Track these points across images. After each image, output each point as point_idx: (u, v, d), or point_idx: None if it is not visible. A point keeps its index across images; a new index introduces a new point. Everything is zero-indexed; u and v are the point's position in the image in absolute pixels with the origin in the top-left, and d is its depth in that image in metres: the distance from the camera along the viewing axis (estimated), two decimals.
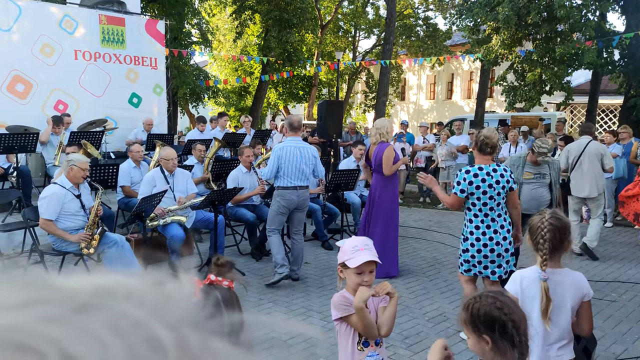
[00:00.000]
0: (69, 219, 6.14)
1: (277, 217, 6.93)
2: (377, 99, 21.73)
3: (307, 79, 30.64)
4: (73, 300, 0.35)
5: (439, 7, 30.01)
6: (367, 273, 2.88)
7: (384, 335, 2.95)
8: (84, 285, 0.38)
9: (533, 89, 17.19)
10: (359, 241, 2.97)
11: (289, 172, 6.73)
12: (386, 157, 7.02)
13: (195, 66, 22.40)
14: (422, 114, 35.18)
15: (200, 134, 12.31)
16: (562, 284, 3.04)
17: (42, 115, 10.86)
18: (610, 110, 23.66)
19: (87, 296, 0.36)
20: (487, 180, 4.92)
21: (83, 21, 11.95)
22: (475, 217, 5.00)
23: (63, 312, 0.34)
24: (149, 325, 0.35)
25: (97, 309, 0.35)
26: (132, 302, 0.37)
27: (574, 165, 8.36)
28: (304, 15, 23.07)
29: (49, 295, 0.36)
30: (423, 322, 5.73)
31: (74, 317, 0.34)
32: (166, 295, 0.39)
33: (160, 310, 0.37)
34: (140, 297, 0.38)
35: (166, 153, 7.55)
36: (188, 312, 0.39)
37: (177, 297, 0.40)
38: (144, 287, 0.39)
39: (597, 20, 16.40)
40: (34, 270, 0.40)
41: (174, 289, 0.41)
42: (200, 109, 26.07)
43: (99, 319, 0.34)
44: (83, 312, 0.34)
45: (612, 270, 7.73)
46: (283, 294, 6.59)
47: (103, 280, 0.39)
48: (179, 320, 0.37)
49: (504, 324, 2.12)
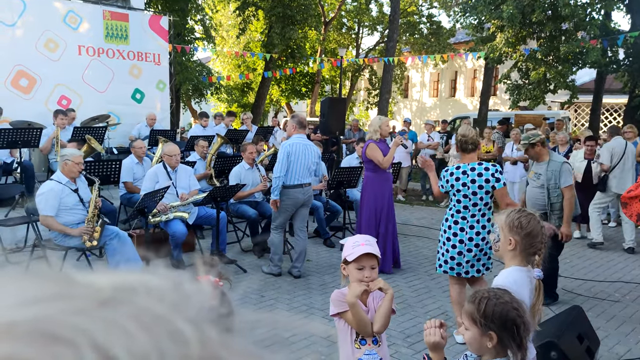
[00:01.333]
0: (69, 214, 6.14)
1: (283, 215, 6.95)
2: (380, 97, 21.69)
3: (310, 75, 30.58)
4: (98, 295, 0.37)
5: (442, 4, 29.90)
6: (367, 268, 2.89)
7: (377, 331, 2.94)
8: (105, 281, 0.39)
9: (537, 87, 17.16)
10: (360, 237, 3.01)
11: (297, 170, 6.74)
12: (370, 156, 7.09)
13: (198, 62, 22.38)
14: (425, 111, 35.13)
15: (203, 129, 12.31)
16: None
17: (45, 110, 10.88)
18: (614, 109, 23.61)
19: (110, 291, 0.37)
20: (461, 179, 4.92)
21: (87, 17, 11.97)
22: (457, 213, 5.01)
23: (90, 305, 0.35)
24: (171, 319, 0.36)
25: (121, 303, 0.36)
26: (153, 298, 0.38)
27: (617, 164, 8.89)
28: (308, 11, 23.04)
29: (75, 290, 0.37)
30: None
31: (100, 310, 0.35)
32: (184, 293, 0.41)
33: (180, 306, 0.38)
34: (159, 294, 0.39)
35: (169, 149, 7.54)
36: (206, 310, 0.40)
37: (194, 296, 0.41)
38: (162, 285, 0.40)
39: (601, 19, 16.35)
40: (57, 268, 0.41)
41: (192, 288, 0.42)
42: (202, 105, 26.07)
43: (124, 312, 0.35)
44: (108, 306, 0.36)
45: (615, 270, 7.71)
46: (285, 291, 6.58)
47: (123, 278, 0.40)
48: (198, 316, 0.38)
49: (517, 325, 2.13)
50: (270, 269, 7.13)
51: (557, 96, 19.82)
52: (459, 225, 4.99)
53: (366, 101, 32.69)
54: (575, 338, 4.09)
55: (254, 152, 8.33)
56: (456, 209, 5.01)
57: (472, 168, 4.92)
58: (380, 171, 7.23)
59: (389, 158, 7.09)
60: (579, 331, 4.17)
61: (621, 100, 21.18)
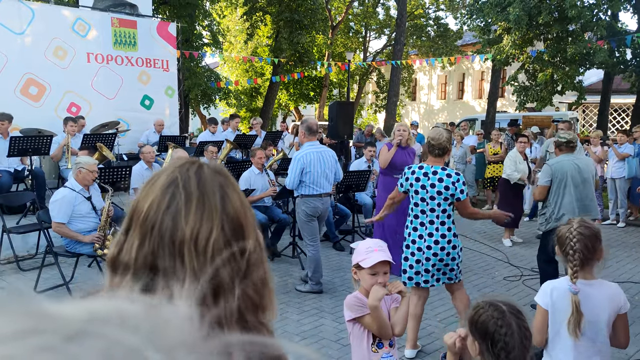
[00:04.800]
0: (81, 221, 6.19)
1: (308, 225, 6.68)
2: (388, 100, 21.74)
3: (318, 79, 30.64)
4: (67, 329, 0.36)
5: (449, 7, 29.92)
6: (381, 274, 2.89)
7: (398, 334, 2.97)
8: (79, 312, 0.38)
9: (545, 89, 17.13)
10: (373, 242, 3.00)
11: (315, 180, 6.52)
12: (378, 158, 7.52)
13: (206, 68, 22.48)
14: (433, 114, 35.11)
15: (211, 135, 12.36)
16: (596, 297, 2.90)
17: (55, 117, 10.96)
18: (622, 109, 23.52)
19: (81, 323, 0.37)
20: (421, 180, 4.71)
21: (95, 24, 12.05)
22: (415, 218, 4.82)
23: (57, 341, 0.34)
24: (142, 351, 0.36)
25: (91, 337, 0.35)
26: (126, 328, 0.37)
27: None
28: (315, 16, 23.11)
29: (43, 324, 0.36)
30: (435, 323, 5.73)
31: (67, 346, 0.34)
32: (161, 318, 0.40)
33: (156, 335, 0.38)
34: (135, 322, 0.38)
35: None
36: (183, 335, 0.39)
37: (172, 320, 0.40)
38: (139, 311, 0.40)
39: (608, 20, 16.31)
40: (29, 296, 0.40)
41: (170, 312, 0.41)
42: (211, 111, 26.15)
43: (92, 347, 0.35)
44: (76, 341, 0.35)
45: (624, 270, 7.69)
46: (295, 295, 6.61)
47: (98, 307, 0.40)
48: (174, 344, 0.38)
49: (494, 341, 2.09)
50: (311, 287, 6.69)
51: (564, 97, 19.77)
52: (417, 232, 4.78)
53: (374, 104, 32.71)
54: None
55: (263, 157, 8.36)
56: (414, 213, 4.82)
57: (435, 171, 4.71)
58: (389, 174, 7.36)
59: (384, 159, 7.30)
60: None
61: (629, 101, 21.10)
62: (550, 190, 5.93)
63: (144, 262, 0.92)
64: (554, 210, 5.90)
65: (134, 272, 0.92)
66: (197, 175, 0.99)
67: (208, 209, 0.95)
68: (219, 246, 0.94)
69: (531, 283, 6.94)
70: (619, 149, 10.45)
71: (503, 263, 8.02)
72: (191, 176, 0.98)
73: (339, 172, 6.94)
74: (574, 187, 5.80)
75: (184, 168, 1.00)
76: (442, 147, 4.74)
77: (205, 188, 0.97)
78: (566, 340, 2.89)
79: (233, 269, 0.93)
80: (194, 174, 0.99)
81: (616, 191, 10.62)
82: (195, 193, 0.96)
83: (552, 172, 5.88)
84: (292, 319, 5.84)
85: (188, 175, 0.98)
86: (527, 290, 6.77)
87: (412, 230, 4.82)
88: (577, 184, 5.80)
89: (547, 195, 5.99)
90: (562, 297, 2.91)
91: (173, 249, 0.92)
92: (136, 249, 0.93)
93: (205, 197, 0.96)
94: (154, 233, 0.93)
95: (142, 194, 0.98)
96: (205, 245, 0.92)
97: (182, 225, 0.93)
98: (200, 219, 0.94)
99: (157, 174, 1.01)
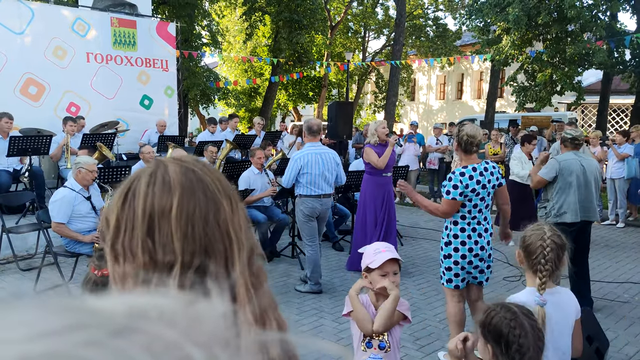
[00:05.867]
0: (81, 221, 6.19)
1: (307, 225, 6.67)
2: (387, 100, 21.74)
3: (317, 79, 30.64)
4: (110, 324, 0.36)
5: (448, 7, 29.95)
6: (391, 274, 2.91)
7: (376, 330, 2.91)
8: (118, 307, 0.39)
9: (544, 89, 17.15)
10: (381, 244, 3.03)
11: (312, 180, 6.49)
12: (367, 159, 7.29)
13: (205, 68, 22.49)
14: (432, 114, 35.13)
15: (211, 135, 12.36)
16: (561, 304, 2.79)
17: (54, 117, 10.96)
18: (621, 110, 23.54)
19: (122, 319, 0.38)
20: (481, 180, 4.58)
21: (95, 24, 12.05)
22: (462, 219, 4.62)
23: (102, 336, 0.35)
24: (182, 346, 0.37)
25: (133, 332, 0.36)
26: (165, 323, 0.38)
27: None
28: (314, 16, 23.11)
29: (87, 319, 0.37)
30: (434, 323, 5.73)
31: (112, 341, 0.35)
32: (197, 314, 0.41)
33: (192, 330, 0.39)
34: (172, 317, 0.39)
35: (178, 155, 7.58)
36: (219, 331, 0.40)
37: (207, 317, 0.41)
38: (175, 307, 0.41)
39: (607, 20, 16.33)
40: (70, 294, 0.41)
41: (204, 309, 0.42)
42: (210, 110, 26.17)
43: (135, 342, 0.35)
44: (120, 336, 0.36)
45: (624, 271, 7.70)
46: (294, 295, 6.61)
47: (136, 302, 0.41)
48: (209, 339, 0.39)
49: (508, 343, 2.07)
50: (310, 287, 6.67)
51: (563, 97, 19.79)
52: (477, 232, 4.62)
53: (373, 105, 32.72)
54: (585, 339, 4.10)
55: (262, 157, 8.36)
56: (471, 215, 4.61)
57: (485, 168, 4.65)
58: (377, 174, 7.35)
59: (384, 159, 7.19)
60: (588, 332, 4.17)
61: (628, 101, 21.12)
62: (553, 185, 5.90)
63: (193, 252, 0.90)
64: (555, 206, 5.86)
65: (181, 266, 0.89)
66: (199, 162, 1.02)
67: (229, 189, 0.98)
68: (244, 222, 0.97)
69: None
70: (618, 149, 10.45)
71: (502, 263, 8.02)
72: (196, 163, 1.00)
73: (340, 175, 6.86)
74: (578, 188, 5.78)
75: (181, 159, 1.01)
76: (479, 142, 4.67)
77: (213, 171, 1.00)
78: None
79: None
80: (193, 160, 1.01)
81: (615, 191, 10.63)
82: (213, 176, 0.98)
83: (560, 169, 5.82)
84: (292, 319, 5.84)
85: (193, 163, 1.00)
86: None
87: (460, 231, 4.62)
88: (581, 185, 5.78)
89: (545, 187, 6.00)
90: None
91: (219, 230, 0.92)
92: (180, 242, 0.90)
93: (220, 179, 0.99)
94: (195, 220, 0.91)
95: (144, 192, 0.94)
96: (240, 222, 0.95)
97: (223, 206, 0.94)
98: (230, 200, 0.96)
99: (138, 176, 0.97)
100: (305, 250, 6.80)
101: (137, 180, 0.95)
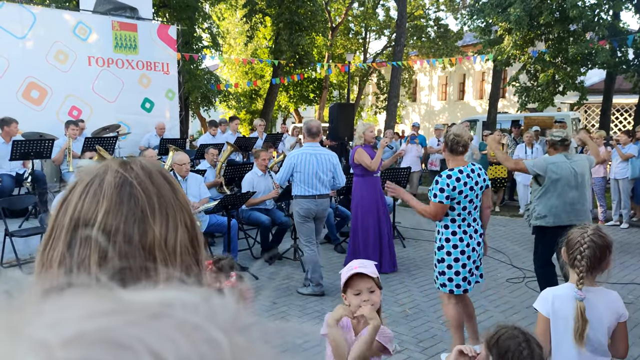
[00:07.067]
0: None
1: (304, 226, 6.67)
2: (388, 101, 21.71)
3: (318, 81, 30.63)
4: (146, 310, 0.42)
5: (450, 7, 29.92)
6: (365, 292, 2.70)
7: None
8: (150, 298, 0.45)
9: (546, 89, 17.12)
10: (356, 262, 2.83)
11: (305, 180, 6.51)
12: (358, 160, 7.32)
13: (206, 70, 22.49)
14: (434, 115, 35.09)
15: (212, 138, 12.35)
16: (598, 304, 2.84)
17: (56, 121, 10.98)
18: (625, 109, 23.47)
19: (156, 306, 0.43)
20: (468, 182, 4.56)
21: (96, 27, 12.08)
22: (453, 222, 4.63)
23: (143, 318, 0.41)
24: (206, 329, 0.42)
25: (166, 316, 0.42)
26: (189, 311, 0.43)
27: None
28: (315, 17, 23.12)
29: (127, 306, 0.43)
30: (437, 326, 5.71)
31: (151, 322, 0.41)
32: (213, 306, 0.46)
33: (212, 317, 0.44)
34: (193, 307, 0.44)
35: (179, 158, 7.59)
36: (232, 320, 0.45)
37: (222, 308, 0.46)
38: (194, 299, 0.45)
39: (610, 20, 16.29)
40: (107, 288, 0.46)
41: (219, 302, 0.47)
42: (211, 113, 26.17)
43: (169, 323, 0.41)
44: (157, 318, 0.41)
45: (628, 272, 7.66)
46: (297, 297, 6.60)
47: (162, 295, 0.46)
48: (227, 326, 0.44)
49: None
50: (312, 289, 6.65)
51: (566, 97, 19.76)
52: (467, 234, 4.65)
53: (374, 106, 32.69)
54: None
55: (266, 159, 8.35)
56: (462, 217, 4.65)
57: (472, 170, 4.64)
58: (367, 175, 7.43)
59: (376, 160, 7.27)
60: None
61: (632, 100, 21.06)
62: (538, 186, 5.79)
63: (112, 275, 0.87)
64: (536, 208, 5.74)
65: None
66: (146, 172, 0.93)
67: (170, 207, 0.91)
68: (186, 243, 0.92)
69: (534, 285, 6.90)
70: (622, 150, 10.41)
71: (505, 265, 8.00)
72: (140, 174, 0.92)
73: (338, 176, 6.81)
74: (568, 190, 5.61)
75: (126, 167, 0.93)
76: (465, 142, 4.61)
77: (158, 184, 0.92)
78: (570, 349, 2.81)
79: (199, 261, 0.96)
80: (140, 171, 0.93)
81: (619, 192, 10.59)
82: (154, 191, 0.91)
83: (547, 171, 5.62)
84: (294, 321, 5.82)
85: (137, 173, 0.92)
86: (530, 292, 6.75)
87: (451, 234, 4.65)
88: (571, 188, 5.61)
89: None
90: (564, 304, 2.84)
91: (144, 253, 0.87)
92: (96, 264, 0.85)
93: (162, 195, 0.91)
94: (117, 240, 0.86)
95: (76, 201, 0.89)
96: (174, 244, 0.90)
97: (152, 227, 0.88)
98: (167, 220, 0.90)
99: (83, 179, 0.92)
100: (304, 251, 6.85)
101: (74, 189, 0.92)
